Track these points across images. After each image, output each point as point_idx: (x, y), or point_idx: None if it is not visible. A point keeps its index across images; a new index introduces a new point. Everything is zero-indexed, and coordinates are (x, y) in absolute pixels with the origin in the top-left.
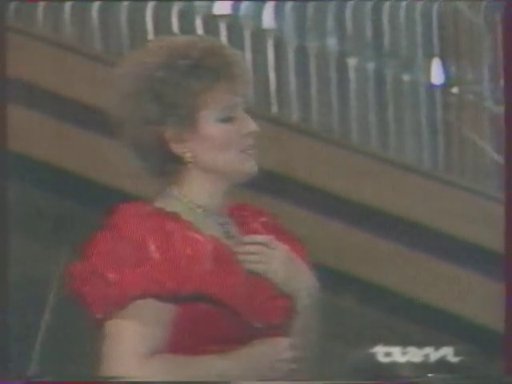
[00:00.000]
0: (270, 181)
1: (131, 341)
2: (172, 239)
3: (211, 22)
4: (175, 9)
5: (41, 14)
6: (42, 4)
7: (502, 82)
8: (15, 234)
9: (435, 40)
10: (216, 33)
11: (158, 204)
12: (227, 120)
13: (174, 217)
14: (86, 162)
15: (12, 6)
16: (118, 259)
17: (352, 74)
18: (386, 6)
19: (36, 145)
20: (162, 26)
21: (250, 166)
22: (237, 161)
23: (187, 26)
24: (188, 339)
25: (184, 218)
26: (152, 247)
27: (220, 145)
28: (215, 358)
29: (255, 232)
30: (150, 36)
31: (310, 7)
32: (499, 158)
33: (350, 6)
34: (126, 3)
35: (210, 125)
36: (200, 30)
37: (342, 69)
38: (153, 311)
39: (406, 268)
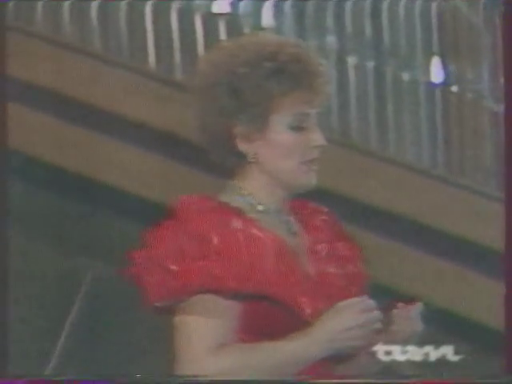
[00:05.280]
0: None
1: (200, 336)
2: (236, 236)
3: (210, 20)
4: (174, 7)
5: (40, 12)
6: (41, 3)
7: (501, 80)
8: (15, 233)
9: (435, 38)
10: (215, 31)
11: (223, 198)
12: (297, 129)
13: (239, 213)
14: (86, 161)
15: (11, 4)
16: (181, 251)
17: (351, 73)
18: (386, 4)
19: (36, 143)
20: (161, 24)
21: (308, 179)
22: (297, 172)
23: (186, 25)
24: (246, 334)
25: (248, 215)
26: (215, 242)
27: (285, 153)
28: (285, 342)
29: (317, 229)
30: (149, 35)
31: (310, 5)
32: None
33: (349, 4)
34: (125, 2)
35: (279, 130)
36: (199, 29)
37: (342, 67)
38: (218, 306)
39: (404, 266)
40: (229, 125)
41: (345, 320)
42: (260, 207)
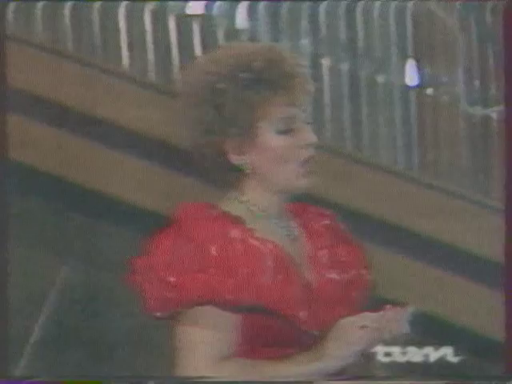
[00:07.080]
0: None
1: (202, 349)
2: (234, 247)
3: (184, 21)
4: (148, 8)
5: (12, 13)
6: (13, 3)
7: (476, 82)
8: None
9: (409, 41)
10: (189, 33)
11: (223, 206)
12: (286, 132)
13: (238, 222)
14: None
15: None
16: (179, 261)
17: (326, 75)
18: (360, 6)
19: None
20: (134, 25)
21: (306, 180)
22: (295, 174)
23: (160, 26)
24: (245, 346)
25: (248, 224)
26: (214, 254)
27: (279, 156)
28: (290, 364)
29: (319, 234)
30: (122, 36)
31: (284, 7)
32: None
33: (323, 6)
34: (98, 3)
35: (268, 136)
36: (173, 30)
37: (316, 69)
38: (217, 318)
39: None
40: (218, 141)
41: (348, 339)
42: (260, 213)
